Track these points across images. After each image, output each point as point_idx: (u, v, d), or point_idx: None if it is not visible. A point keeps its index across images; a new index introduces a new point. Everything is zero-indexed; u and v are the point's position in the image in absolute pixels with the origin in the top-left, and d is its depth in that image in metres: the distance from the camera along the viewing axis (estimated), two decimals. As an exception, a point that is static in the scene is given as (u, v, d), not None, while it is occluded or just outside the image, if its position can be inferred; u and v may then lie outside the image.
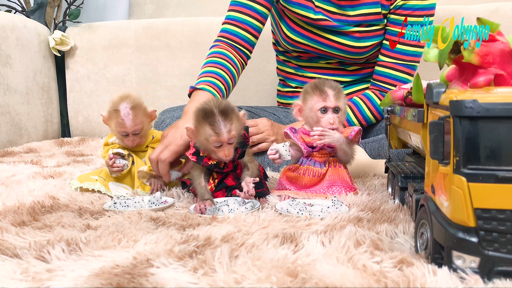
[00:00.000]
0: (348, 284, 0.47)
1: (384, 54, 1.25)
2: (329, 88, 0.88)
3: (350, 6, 1.24)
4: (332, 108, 0.87)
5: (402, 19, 1.20)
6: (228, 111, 0.81)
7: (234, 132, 0.81)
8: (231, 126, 0.80)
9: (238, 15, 1.23)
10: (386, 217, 0.71)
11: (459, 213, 0.48)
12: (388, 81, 1.25)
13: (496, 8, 1.74)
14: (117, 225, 0.70)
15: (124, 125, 0.93)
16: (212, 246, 0.59)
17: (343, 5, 1.24)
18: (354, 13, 1.24)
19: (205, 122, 0.80)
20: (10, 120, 1.67)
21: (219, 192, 0.88)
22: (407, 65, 1.23)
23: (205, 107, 0.82)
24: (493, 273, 0.47)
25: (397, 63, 1.23)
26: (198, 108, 0.83)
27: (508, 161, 0.47)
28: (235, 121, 0.82)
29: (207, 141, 0.81)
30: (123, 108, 0.93)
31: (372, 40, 1.25)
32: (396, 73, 1.24)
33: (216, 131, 0.80)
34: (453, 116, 0.48)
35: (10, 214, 0.76)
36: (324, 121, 0.87)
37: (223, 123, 0.80)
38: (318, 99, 0.88)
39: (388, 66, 1.25)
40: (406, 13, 1.20)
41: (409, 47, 1.22)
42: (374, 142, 1.22)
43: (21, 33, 1.76)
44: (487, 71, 0.62)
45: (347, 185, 0.89)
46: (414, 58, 1.23)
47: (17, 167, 1.24)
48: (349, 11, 1.24)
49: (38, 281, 0.50)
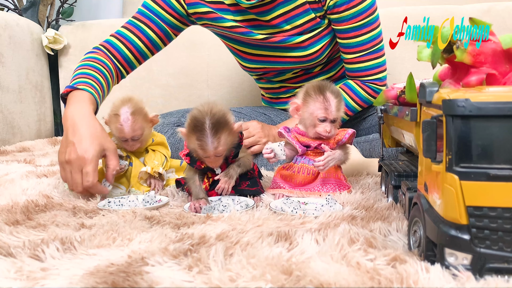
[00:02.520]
0: (342, 282, 0.47)
1: (345, 51, 1.23)
2: (332, 95, 0.87)
3: (284, 21, 1.21)
4: (331, 119, 0.87)
5: (342, 16, 1.18)
6: (219, 126, 0.78)
7: (221, 147, 0.80)
8: (218, 143, 0.79)
9: (128, 33, 1.22)
10: (380, 215, 0.72)
11: (451, 211, 0.48)
12: (362, 74, 1.24)
13: (488, 8, 1.75)
14: (111, 224, 0.70)
15: (123, 130, 0.91)
16: (207, 245, 0.59)
17: (276, 24, 1.22)
18: (290, 27, 1.22)
19: (194, 134, 0.79)
20: (3, 119, 1.66)
21: (213, 191, 0.88)
22: (370, 52, 1.22)
23: (197, 117, 0.79)
24: (484, 270, 0.47)
25: (361, 55, 1.22)
26: (192, 114, 0.80)
27: (500, 159, 0.47)
28: (225, 136, 0.80)
29: (194, 150, 0.81)
30: (123, 113, 0.91)
31: (320, 43, 1.24)
32: (365, 64, 1.23)
33: (202, 148, 0.79)
34: (445, 115, 0.49)
35: (3, 213, 0.76)
36: (320, 128, 0.87)
37: (211, 139, 0.78)
38: (320, 106, 0.87)
39: (355, 61, 1.23)
40: (343, 9, 1.17)
41: (363, 36, 1.20)
42: (365, 143, 1.23)
43: (13, 32, 1.75)
44: (479, 71, 0.63)
45: (341, 183, 0.89)
46: (374, 42, 1.21)
47: (10, 166, 1.23)
48: (284, 26, 1.22)
49: (33, 280, 0.50)
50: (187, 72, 1.95)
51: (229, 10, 1.22)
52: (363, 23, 1.18)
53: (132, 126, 0.91)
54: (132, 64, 1.24)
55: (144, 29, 1.22)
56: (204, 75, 1.95)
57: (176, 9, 1.24)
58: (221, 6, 1.23)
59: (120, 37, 1.21)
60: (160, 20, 1.23)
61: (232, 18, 1.23)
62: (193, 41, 1.93)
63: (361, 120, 1.37)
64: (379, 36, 1.22)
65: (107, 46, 1.20)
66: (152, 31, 1.23)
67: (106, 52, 1.19)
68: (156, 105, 1.92)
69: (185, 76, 1.95)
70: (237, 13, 1.22)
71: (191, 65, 1.95)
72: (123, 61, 1.22)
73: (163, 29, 1.24)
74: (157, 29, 1.24)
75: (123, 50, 1.21)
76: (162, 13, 1.23)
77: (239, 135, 0.85)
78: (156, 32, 1.24)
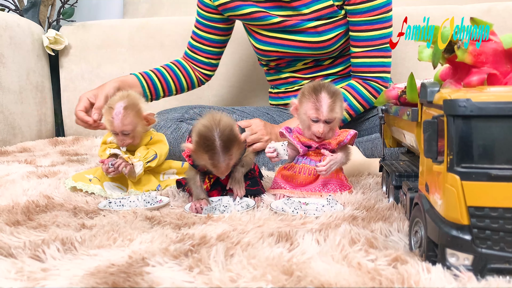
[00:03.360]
0: (343, 282, 0.47)
1: (354, 45, 1.25)
2: (326, 96, 0.85)
3: (304, 5, 1.26)
4: (323, 120, 0.87)
5: (358, 8, 1.21)
6: (229, 143, 0.77)
7: (232, 161, 0.79)
8: (230, 159, 0.78)
9: (196, 43, 1.43)
10: (381, 216, 0.72)
11: (452, 211, 0.48)
12: (366, 70, 1.25)
13: (488, 8, 1.75)
14: (112, 224, 0.70)
15: (113, 123, 0.92)
16: (208, 245, 0.59)
17: (296, 6, 1.26)
18: (308, 11, 1.25)
19: (204, 153, 0.77)
20: (4, 120, 1.66)
21: (214, 191, 0.88)
22: (378, 49, 1.23)
23: (208, 135, 0.76)
24: (486, 270, 0.47)
25: (368, 50, 1.23)
26: (200, 132, 0.77)
27: (501, 159, 0.47)
28: (235, 150, 0.79)
29: (204, 166, 0.80)
30: (117, 106, 0.92)
31: (334, 32, 1.26)
32: (371, 60, 1.24)
33: (215, 166, 0.78)
34: (446, 115, 0.49)
35: (4, 214, 0.76)
36: (313, 128, 0.87)
37: (223, 157, 0.77)
38: (312, 107, 0.86)
39: (362, 56, 1.24)
40: (359, 1, 1.20)
41: (374, 31, 1.21)
42: (368, 142, 1.23)
43: (14, 32, 1.75)
44: (480, 71, 0.63)
45: (342, 183, 0.89)
46: (384, 41, 1.23)
47: (11, 166, 1.23)
48: (303, 9, 1.26)
49: (33, 280, 0.50)
50: (187, 72, 1.95)
51: None
52: (377, 19, 1.20)
53: (122, 120, 0.92)
54: (210, 64, 1.45)
55: (202, 35, 1.42)
56: (204, 75, 1.95)
57: (211, 5, 1.37)
58: None
59: (192, 48, 1.44)
60: (208, 21, 1.40)
61: (256, 0, 1.29)
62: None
63: (364, 121, 1.37)
64: (390, 36, 1.24)
65: (186, 58, 1.46)
66: (209, 33, 1.41)
67: (181, 61, 1.44)
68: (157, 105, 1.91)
69: (186, 76, 1.94)
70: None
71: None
72: (202, 65, 1.44)
73: (216, 27, 1.40)
74: (211, 30, 1.40)
75: (197, 58, 1.44)
76: (206, 15, 1.39)
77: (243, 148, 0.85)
78: (212, 32, 1.41)
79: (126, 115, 0.92)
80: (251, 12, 1.29)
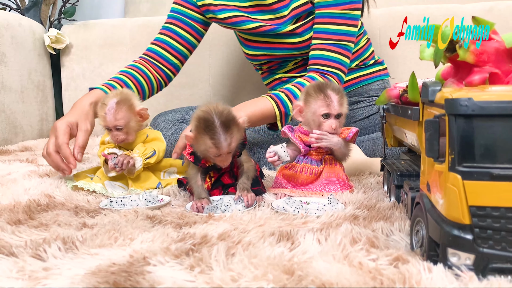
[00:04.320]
0: (344, 282, 0.47)
1: (315, 37, 1.23)
2: (333, 92, 0.87)
3: (284, 6, 1.25)
4: (335, 115, 0.87)
5: (324, 1, 1.19)
6: (229, 123, 0.79)
7: (234, 144, 0.80)
8: (231, 139, 0.79)
9: (165, 38, 1.32)
10: (382, 215, 0.72)
11: (454, 210, 0.48)
12: (322, 63, 1.20)
13: (490, 7, 1.74)
14: (113, 223, 0.70)
15: (106, 118, 0.93)
16: (209, 244, 0.59)
17: (276, 9, 1.26)
18: (287, 12, 1.25)
19: (205, 134, 0.79)
20: (5, 119, 1.67)
21: (215, 190, 0.88)
22: (337, 44, 1.19)
23: (206, 117, 0.79)
24: (487, 270, 0.47)
25: (326, 43, 1.20)
26: (199, 116, 0.80)
27: (503, 159, 0.47)
28: (236, 132, 0.80)
29: (206, 151, 0.81)
30: (111, 102, 0.94)
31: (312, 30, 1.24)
32: (328, 53, 1.20)
33: (217, 146, 0.79)
34: (448, 114, 0.49)
35: (5, 213, 0.76)
36: (326, 126, 0.88)
37: (224, 136, 0.78)
38: (322, 104, 0.87)
39: (320, 48, 1.21)
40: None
41: (335, 26, 1.19)
42: (369, 141, 1.22)
43: (15, 31, 1.75)
44: (482, 70, 0.62)
45: (343, 182, 0.89)
46: (343, 37, 1.19)
47: (12, 165, 1.23)
48: (284, 11, 1.26)
49: (34, 279, 0.50)
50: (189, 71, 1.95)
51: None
52: (340, 13, 1.19)
53: (115, 115, 0.93)
54: (175, 64, 1.34)
55: (177, 30, 1.32)
56: (206, 74, 1.95)
57: (195, 4, 1.33)
58: None
59: (159, 43, 1.32)
60: (188, 18, 1.33)
61: (239, 4, 1.29)
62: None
63: (364, 119, 1.37)
64: (352, 35, 1.20)
65: (149, 54, 1.32)
66: (185, 31, 1.33)
67: (149, 59, 1.31)
68: (158, 105, 1.92)
69: (187, 75, 1.94)
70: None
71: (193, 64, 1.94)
72: (167, 63, 1.32)
73: (193, 26, 1.33)
74: (188, 28, 1.33)
75: (163, 54, 1.32)
76: (187, 12, 1.33)
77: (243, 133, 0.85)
78: (187, 30, 1.33)
79: (118, 110, 0.93)
80: (229, 17, 1.28)
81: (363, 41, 1.39)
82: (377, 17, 1.79)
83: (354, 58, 1.36)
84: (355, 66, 1.37)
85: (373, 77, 1.40)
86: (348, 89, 1.36)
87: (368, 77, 1.39)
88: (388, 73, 1.45)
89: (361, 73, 1.39)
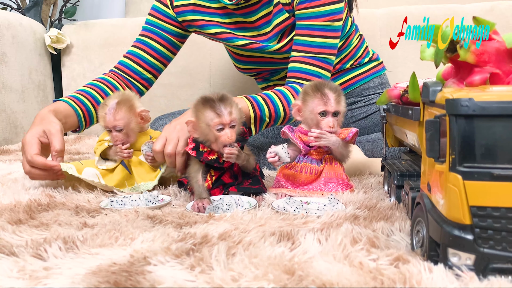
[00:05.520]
0: (345, 282, 0.47)
1: (294, 49, 1.18)
2: (330, 91, 0.88)
3: (265, 23, 1.23)
4: (332, 112, 0.88)
5: (304, 13, 1.15)
6: (227, 98, 0.84)
7: (234, 115, 0.84)
8: (231, 108, 0.83)
9: (137, 50, 1.28)
10: (382, 215, 0.72)
11: (454, 210, 0.48)
12: (300, 76, 1.15)
13: (491, 7, 1.74)
14: (114, 223, 0.70)
15: (105, 119, 0.93)
16: (209, 244, 0.59)
17: (258, 26, 1.24)
18: (270, 28, 1.23)
19: (205, 107, 0.83)
20: (6, 118, 1.67)
21: (216, 189, 0.88)
22: (317, 57, 1.15)
23: (204, 96, 0.85)
24: (488, 270, 0.47)
25: (305, 56, 1.15)
26: (197, 99, 0.85)
27: (504, 159, 0.47)
28: (235, 107, 0.85)
29: (208, 127, 0.83)
30: (111, 103, 0.94)
31: None
32: (307, 66, 1.15)
33: (218, 112, 0.82)
34: (449, 114, 0.49)
35: (6, 212, 0.76)
36: (323, 124, 0.88)
37: (224, 105, 0.83)
38: (319, 102, 0.88)
39: (297, 61, 1.16)
40: (305, 5, 1.14)
41: (315, 38, 1.14)
42: (368, 142, 1.22)
43: (16, 31, 1.75)
44: (482, 70, 0.62)
45: (343, 182, 0.89)
46: (323, 50, 1.14)
47: (13, 165, 1.23)
48: (266, 28, 1.23)
49: (35, 279, 0.50)
50: (189, 71, 1.95)
51: (217, 13, 1.26)
52: (320, 25, 1.14)
53: (114, 115, 0.93)
54: (148, 79, 1.30)
55: (151, 43, 1.29)
56: (206, 74, 1.95)
57: (173, 17, 1.29)
58: (210, 10, 1.26)
59: (131, 56, 1.28)
60: (163, 31, 1.29)
61: (220, 21, 1.26)
62: (195, 41, 1.92)
63: (363, 119, 1.37)
64: (332, 48, 1.15)
65: (120, 67, 1.28)
66: (159, 43, 1.29)
67: (120, 73, 1.27)
68: (158, 105, 1.92)
69: (188, 75, 1.95)
70: (225, 15, 1.26)
71: (193, 64, 1.94)
72: (139, 77, 1.28)
73: (168, 40, 1.30)
74: (162, 41, 1.29)
75: (135, 68, 1.28)
76: (163, 25, 1.29)
77: (243, 128, 0.87)
78: (162, 44, 1.29)
79: (118, 110, 0.93)
80: (217, 33, 1.27)
81: (356, 40, 1.36)
82: (378, 17, 1.79)
83: (348, 59, 1.35)
84: (349, 67, 1.35)
85: (369, 75, 1.38)
86: (345, 90, 1.35)
87: (364, 75, 1.38)
88: (384, 67, 1.42)
89: (357, 72, 1.37)
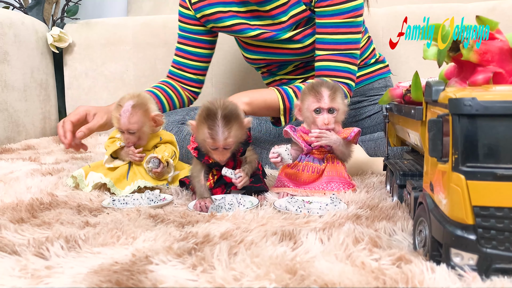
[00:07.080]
0: (347, 281, 0.47)
1: (319, 48, 1.21)
2: (324, 89, 0.89)
3: (282, 12, 1.24)
4: (326, 109, 0.88)
5: (325, 11, 1.18)
6: (230, 117, 0.80)
7: (231, 139, 0.80)
8: (229, 133, 0.80)
9: (180, 59, 1.40)
10: (385, 215, 0.72)
11: (457, 210, 0.48)
12: (331, 74, 1.19)
13: (493, 6, 1.74)
14: (115, 222, 0.70)
15: (120, 121, 0.93)
16: (211, 243, 0.59)
17: (275, 15, 1.25)
18: (286, 18, 1.24)
19: (205, 123, 0.80)
20: (8, 117, 1.67)
21: (218, 188, 0.88)
22: (344, 54, 1.18)
23: (210, 107, 0.80)
24: (491, 270, 0.47)
25: (333, 54, 1.19)
26: (204, 105, 0.82)
27: (507, 159, 0.47)
28: (236, 129, 0.81)
29: (204, 141, 0.81)
30: (126, 105, 0.93)
31: (313, 37, 1.24)
32: (336, 63, 1.19)
33: (213, 137, 0.79)
34: (452, 114, 0.48)
35: (8, 211, 0.76)
36: (319, 121, 0.88)
37: (222, 129, 0.79)
38: (313, 100, 0.89)
39: (326, 59, 1.20)
40: (326, 3, 1.17)
41: (340, 35, 1.18)
42: (370, 142, 1.22)
43: (18, 30, 1.76)
44: (485, 69, 0.62)
45: (345, 181, 0.89)
46: (349, 46, 1.18)
47: (15, 164, 1.23)
48: (282, 17, 1.25)
49: (37, 278, 0.50)
50: (191, 70, 1.95)
51: (233, 2, 1.29)
52: (344, 22, 1.17)
53: (129, 118, 0.93)
54: (197, 80, 1.42)
55: (187, 49, 1.39)
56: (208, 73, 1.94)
57: (194, 18, 1.35)
58: (226, 0, 1.29)
59: (176, 65, 1.41)
60: (193, 34, 1.37)
61: (236, 10, 1.29)
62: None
63: (366, 118, 1.37)
64: (357, 43, 1.20)
65: (171, 77, 1.42)
66: (194, 47, 1.38)
67: (170, 82, 1.40)
68: (160, 104, 1.92)
69: (190, 74, 1.94)
70: (241, 4, 1.28)
71: (195, 63, 1.94)
72: (188, 81, 1.40)
73: (201, 40, 1.38)
74: (196, 43, 1.38)
75: (182, 74, 1.40)
76: (190, 28, 1.37)
77: (247, 132, 0.85)
78: (197, 46, 1.38)
79: (134, 114, 0.93)
80: (232, 25, 1.29)
81: (364, 40, 1.38)
82: (380, 17, 1.79)
83: None
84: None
85: (374, 76, 1.39)
86: None
87: (370, 76, 1.38)
88: (389, 70, 1.43)
89: (363, 72, 1.38)
